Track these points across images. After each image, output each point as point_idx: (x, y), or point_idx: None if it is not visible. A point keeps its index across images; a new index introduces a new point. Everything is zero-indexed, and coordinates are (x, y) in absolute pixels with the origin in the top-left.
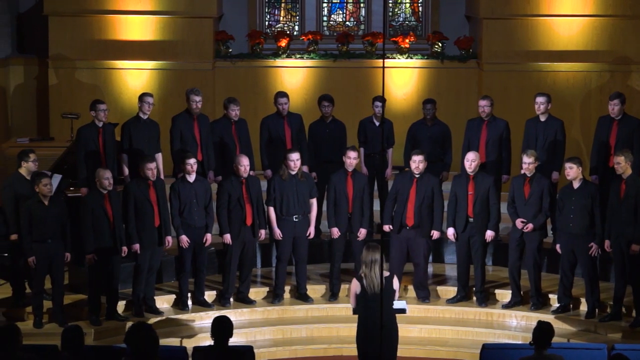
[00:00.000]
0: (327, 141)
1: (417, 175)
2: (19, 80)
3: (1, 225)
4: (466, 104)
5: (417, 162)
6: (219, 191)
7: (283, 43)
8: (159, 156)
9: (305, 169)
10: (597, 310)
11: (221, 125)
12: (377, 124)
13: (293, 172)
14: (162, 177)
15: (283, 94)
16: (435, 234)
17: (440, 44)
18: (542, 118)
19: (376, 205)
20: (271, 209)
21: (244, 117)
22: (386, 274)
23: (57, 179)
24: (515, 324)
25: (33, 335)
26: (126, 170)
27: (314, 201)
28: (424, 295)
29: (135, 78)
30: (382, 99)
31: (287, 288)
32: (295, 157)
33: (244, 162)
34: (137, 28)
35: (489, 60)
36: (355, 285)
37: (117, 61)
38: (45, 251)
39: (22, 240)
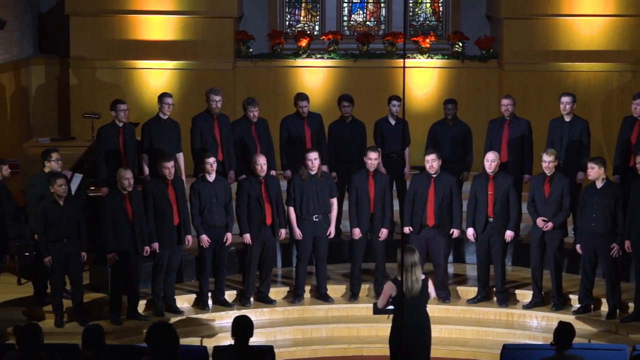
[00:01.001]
0: (347, 141)
1: (433, 175)
2: (40, 80)
3: (24, 224)
4: (486, 104)
5: (431, 162)
6: (238, 191)
7: (303, 43)
8: (180, 156)
9: (324, 168)
10: (618, 310)
11: (241, 126)
12: (393, 123)
13: (312, 172)
14: (183, 176)
15: (303, 97)
16: (455, 232)
17: (460, 44)
18: (567, 118)
19: (395, 206)
20: (291, 209)
21: (264, 116)
22: (422, 276)
23: (77, 178)
24: (535, 325)
25: (54, 334)
26: (147, 170)
27: (334, 201)
28: (445, 296)
29: (155, 78)
30: (401, 98)
31: (308, 288)
32: (313, 157)
33: (261, 161)
34: (158, 28)
35: (510, 60)
36: (390, 288)
37: (137, 61)
38: (61, 251)
39: (38, 240)
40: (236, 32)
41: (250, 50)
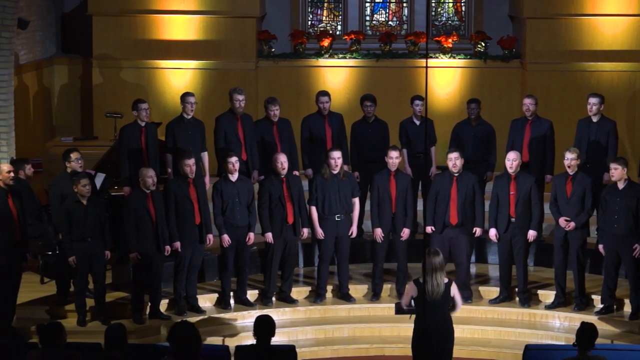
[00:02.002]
0: (370, 141)
1: (456, 174)
2: (63, 80)
3: (43, 223)
4: (509, 104)
5: (454, 160)
6: (260, 190)
7: (326, 43)
8: (205, 155)
9: (346, 168)
10: None
11: (263, 126)
12: (418, 123)
13: (335, 171)
14: (207, 176)
15: (324, 93)
16: (478, 231)
17: (483, 44)
18: (595, 119)
19: (421, 205)
20: (313, 209)
21: (286, 116)
22: (445, 280)
23: (100, 178)
24: (558, 325)
25: (77, 333)
26: (170, 170)
27: (357, 200)
28: (467, 296)
29: (178, 78)
30: (424, 98)
31: (329, 287)
32: (336, 156)
33: (282, 160)
34: (181, 28)
35: (533, 60)
36: (411, 289)
37: (160, 61)
38: (85, 250)
39: (61, 239)
40: (258, 32)
41: (273, 50)
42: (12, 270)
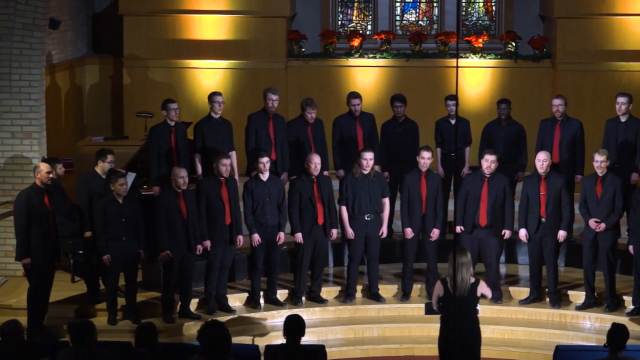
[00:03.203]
0: (400, 141)
1: (487, 175)
2: (94, 80)
3: (74, 222)
4: (539, 104)
5: (489, 162)
6: (291, 190)
7: (356, 42)
8: (233, 154)
9: (377, 168)
10: None
11: (297, 126)
12: (453, 122)
13: (365, 172)
14: (236, 175)
15: (356, 95)
16: (507, 233)
17: (513, 44)
18: (623, 119)
19: (451, 206)
20: (343, 208)
21: (316, 116)
22: (472, 279)
23: (130, 177)
24: (589, 326)
25: (107, 332)
26: (199, 169)
27: (386, 200)
28: (497, 296)
29: (208, 77)
30: (455, 98)
31: (359, 287)
32: (369, 157)
33: (316, 160)
34: (211, 27)
35: (564, 60)
36: (438, 288)
37: (190, 60)
38: (119, 249)
39: (96, 238)
40: (289, 32)
41: (303, 49)
42: (47, 269)
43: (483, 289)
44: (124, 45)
